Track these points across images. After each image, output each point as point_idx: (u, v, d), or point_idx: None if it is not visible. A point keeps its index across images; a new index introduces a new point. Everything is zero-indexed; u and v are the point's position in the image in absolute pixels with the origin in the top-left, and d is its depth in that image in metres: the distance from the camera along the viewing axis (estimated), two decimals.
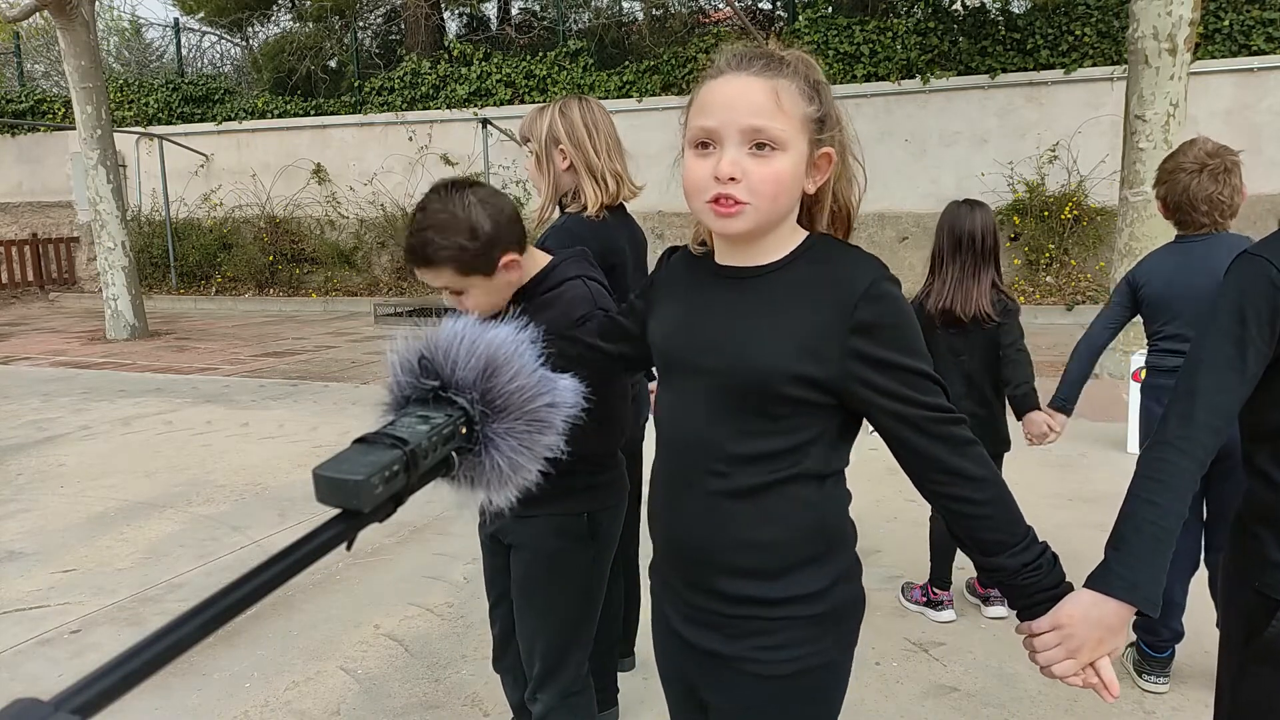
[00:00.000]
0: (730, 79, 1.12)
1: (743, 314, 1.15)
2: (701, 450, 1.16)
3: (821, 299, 1.11)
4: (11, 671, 2.78)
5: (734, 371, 1.13)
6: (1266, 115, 9.81)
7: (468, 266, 1.59)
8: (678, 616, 1.23)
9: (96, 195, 10.10)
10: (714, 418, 1.15)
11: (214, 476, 4.75)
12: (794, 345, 1.10)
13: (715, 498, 1.15)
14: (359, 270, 14.10)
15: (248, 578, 0.57)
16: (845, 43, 11.68)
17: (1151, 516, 1.13)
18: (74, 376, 7.89)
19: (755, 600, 1.14)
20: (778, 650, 1.14)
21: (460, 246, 1.57)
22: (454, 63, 13.79)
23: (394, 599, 3.23)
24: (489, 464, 0.88)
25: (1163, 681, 2.49)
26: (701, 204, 1.12)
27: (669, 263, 1.33)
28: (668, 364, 1.24)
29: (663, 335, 1.25)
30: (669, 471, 1.22)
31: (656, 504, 1.25)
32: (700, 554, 1.17)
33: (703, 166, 1.11)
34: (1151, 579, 1.11)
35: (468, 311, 1.56)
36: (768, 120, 1.08)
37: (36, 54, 18.46)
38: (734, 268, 1.19)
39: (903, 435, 1.11)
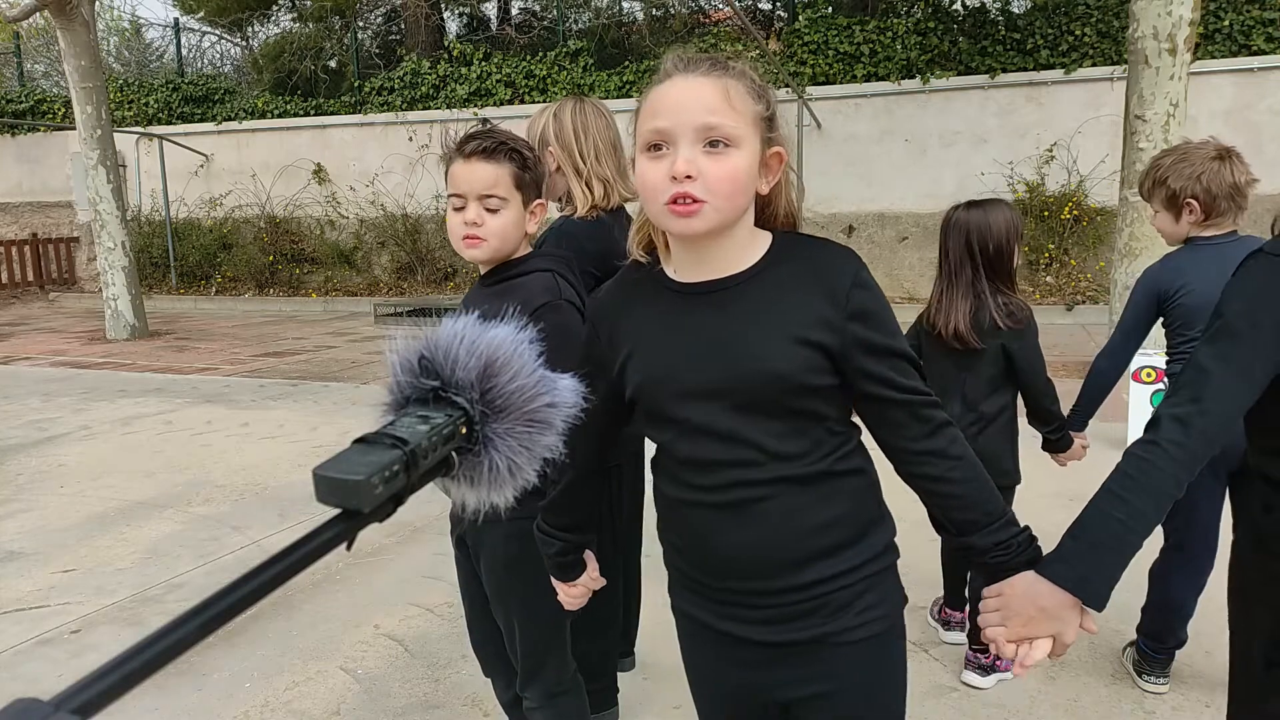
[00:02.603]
0: (679, 80, 1.12)
1: (738, 324, 1.14)
2: (739, 468, 1.15)
3: (813, 292, 1.13)
4: (11, 671, 2.78)
5: (750, 382, 1.13)
6: (1266, 115, 9.81)
7: (521, 178, 1.66)
8: (753, 626, 1.20)
9: (96, 195, 10.10)
10: (743, 431, 1.14)
11: (214, 476, 4.75)
12: (800, 341, 1.11)
13: (770, 503, 1.14)
14: (359, 270, 14.10)
15: (248, 578, 0.57)
16: (845, 43, 11.68)
17: (1120, 514, 1.12)
18: (74, 376, 7.89)
19: (838, 574, 1.16)
20: (868, 611, 1.18)
21: (528, 155, 1.68)
22: (454, 63, 13.79)
23: (394, 599, 3.23)
24: (489, 464, 0.88)
25: (1163, 682, 2.48)
26: (659, 207, 1.11)
27: (605, 303, 1.28)
28: (664, 396, 1.18)
29: (647, 371, 1.20)
30: (703, 500, 1.18)
31: (690, 535, 1.21)
32: (772, 559, 1.16)
33: (657, 168, 1.11)
34: (1103, 576, 1.10)
35: (484, 239, 1.64)
36: (720, 117, 1.08)
37: (36, 54, 18.46)
38: (706, 283, 1.16)
39: (886, 417, 1.16)
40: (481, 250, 1.68)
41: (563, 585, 1.47)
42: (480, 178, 1.63)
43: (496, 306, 1.37)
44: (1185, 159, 2.37)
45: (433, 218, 13.30)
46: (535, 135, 2.27)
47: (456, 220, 1.67)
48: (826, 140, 11.41)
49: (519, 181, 1.67)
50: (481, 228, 1.66)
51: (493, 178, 1.64)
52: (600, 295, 1.32)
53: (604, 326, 1.27)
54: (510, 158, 1.65)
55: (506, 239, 1.69)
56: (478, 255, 1.69)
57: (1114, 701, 2.46)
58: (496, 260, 1.72)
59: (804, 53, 11.83)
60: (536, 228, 1.75)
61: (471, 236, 1.66)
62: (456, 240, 1.70)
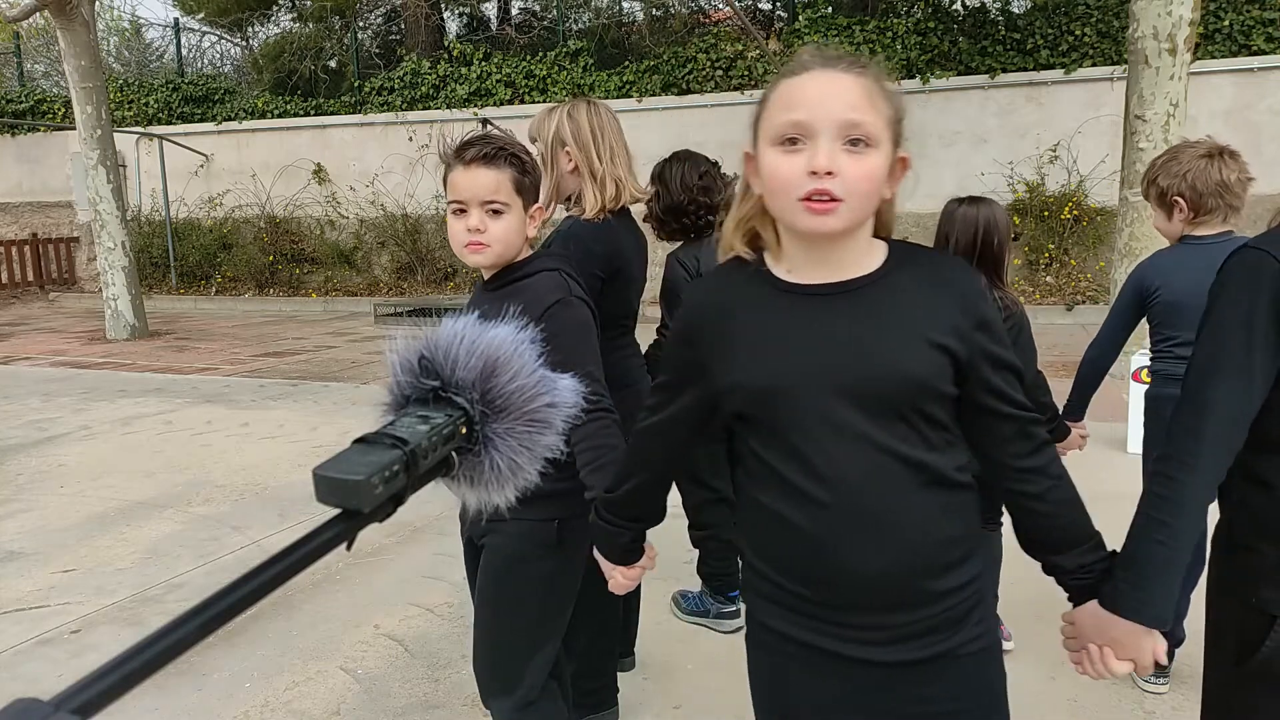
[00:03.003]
0: (820, 74, 1.09)
1: (870, 327, 1.10)
2: (873, 477, 1.10)
3: (941, 299, 1.12)
4: (11, 671, 2.78)
5: (885, 385, 1.10)
6: (1266, 115, 9.80)
7: (521, 183, 1.66)
8: (874, 646, 1.13)
9: (96, 195, 10.10)
10: (876, 437, 1.10)
11: (214, 476, 4.75)
12: (933, 345, 1.10)
13: (904, 515, 1.11)
14: (359, 270, 14.10)
15: (248, 578, 0.57)
16: (845, 43, 11.67)
17: (1161, 537, 1.15)
18: (74, 376, 7.89)
19: (962, 586, 1.15)
20: (982, 623, 1.18)
21: (526, 159, 1.68)
22: (454, 63, 13.79)
23: (394, 599, 3.23)
24: (489, 464, 0.88)
25: (1162, 682, 2.48)
26: (791, 202, 1.07)
27: (703, 303, 1.21)
28: (786, 401, 1.12)
29: (765, 375, 1.12)
30: (828, 514, 1.11)
31: (806, 551, 1.14)
32: (904, 574, 1.11)
33: (793, 162, 1.06)
34: (1163, 598, 1.14)
35: (487, 245, 1.64)
36: (863, 115, 1.06)
37: (36, 54, 18.46)
38: (830, 284, 1.12)
39: (994, 431, 1.15)
40: (485, 256, 1.67)
41: (622, 569, 1.43)
42: (482, 184, 1.63)
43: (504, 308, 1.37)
44: (1175, 158, 2.39)
45: (432, 218, 13.30)
46: (548, 136, 2.26)
47: (459, 227, 1.66)
48: None
49: (519, 186, 1.66)
50: (485, 234, 1.64)
51: (494, 184, 1.63)
52: (695, 296, 1.25)
53: (704, 328, 1.19)
54: (510, 163, 1.65)
55: (510, 244, 1.68)
56: (481, 261, 1.68)
57: (1114, 701, 2.46)
58: (500, 265, 1.70)
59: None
60: (537, 231, 1.75)
61: (475, 243, 1.65)
62: (459, 247, 1.68)
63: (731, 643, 2.85)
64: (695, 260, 2.74)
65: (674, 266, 2.75)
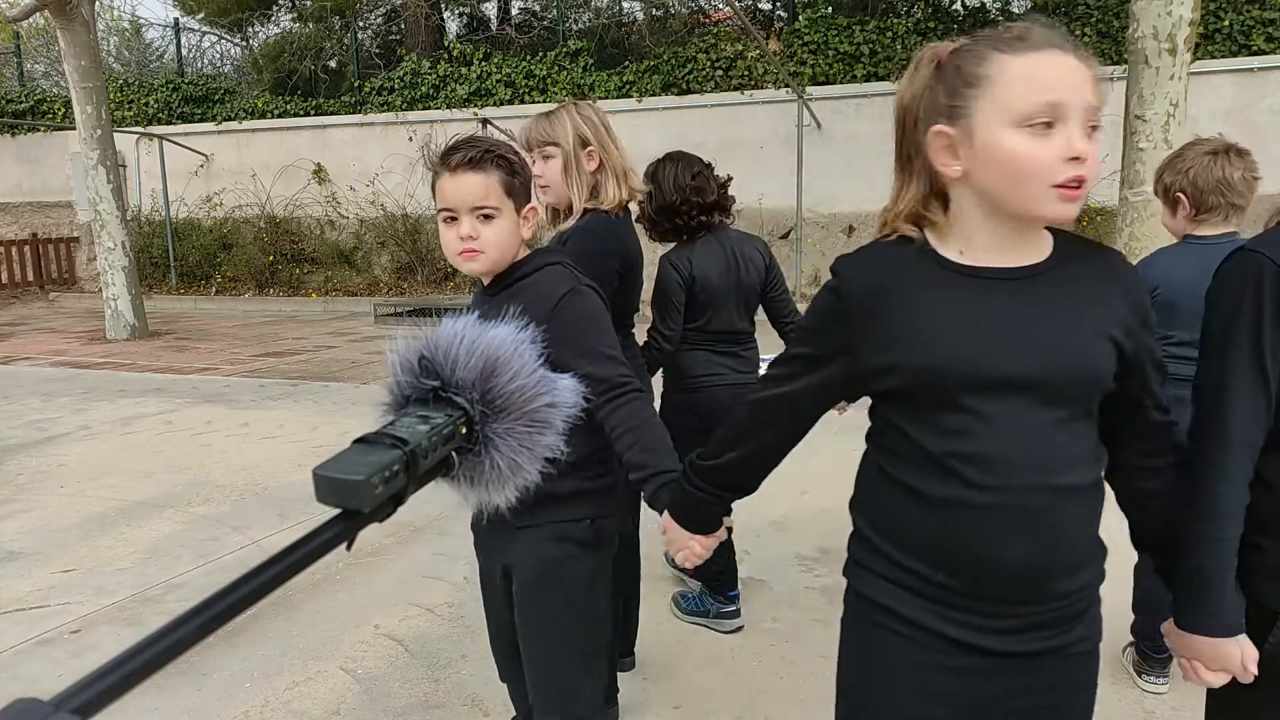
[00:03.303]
0: (1064, 56, 1.04)
1: (1053, 315, 1.09)
2: (1038, 469, 1.08)
3: (1112, 291, 1.12)
4: (11, 671, 2.78)
5: (1065, 377, 1.08)
6: (1266, 115, 9.80)
7: (511, 184, 1.60)
8: (995, 635, 1.13)
9: (96, 195, 10.10)
10: (1046, 429, 1.08)
11: (214, 476, 4.75)
12: (1109, 339, 1.10)
13: (1060, 510, 1.10)
14: (359, 270, 14.10)
15: (248, 578, 0.57)
16: (845, 43, 11.68)
17: (1212, 549, 1.17)
18: (74, 376, 7.89)
19: (1086, 586, 1.15)
20: (1093, 624, 1.19)
21: (514, 161, 1.62)
22: (454, 63, 13.79)
23: (394, 599, 3.23)
24: (489, 464, 0.88)
25: (1163, 681, 2.49)
26: (1043, 189, 1.03)
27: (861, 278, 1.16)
28: (957, 385, 1.08)
29: (936, 357, 1.09)
30: (988, 502, 1.08)
31: (954, 538, 1.11)
32: (1047, 568, 1.10)
33: (1048, 147, 1.02)
34: (1226, 606, 1.18)
35: (481, 251, 1.59)
36: (1098, 99, 1.05)
37: (36, 54, 18.46)
38: (1010, 269, 1.10)
39: (1138, 428, 1.17)
40: (480, 263, 1.62)
41: (701, 538, 1.40)
42: (470, 190, 1.58)
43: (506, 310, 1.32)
44: (1181, 155, 2.40)
45: (432, 218, 13.22)
46: (569, 137, 2.24)
47: (451, 235, 1.62)
48: (826, 140, 11.41)
49: (509, 188, 1.61)
50: (478, 240, 1.60)
51: (483, 189, 1.58)
52: (849, 272, 1.18)
53: (863, 303, 1.14)
54: (498, 165, 1.60)
55: (505, 248, 1.63)
56: (476, 268, 1.64)
57: (1114, 702, 2.46)
58: (497, 270, 1.66)
59: (804, 53, 11.83)
60: (531, 232, 1.70)
61: (468, 250, 1.61)
62: (452, 255, 1.64)
63: (732, 643, 2.85)
64: (688, 263, 2.72)
65: (666, 269, 2.74)
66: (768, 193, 11.48)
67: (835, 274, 1.20)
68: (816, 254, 11.73)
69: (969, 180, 1.09)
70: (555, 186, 2.27)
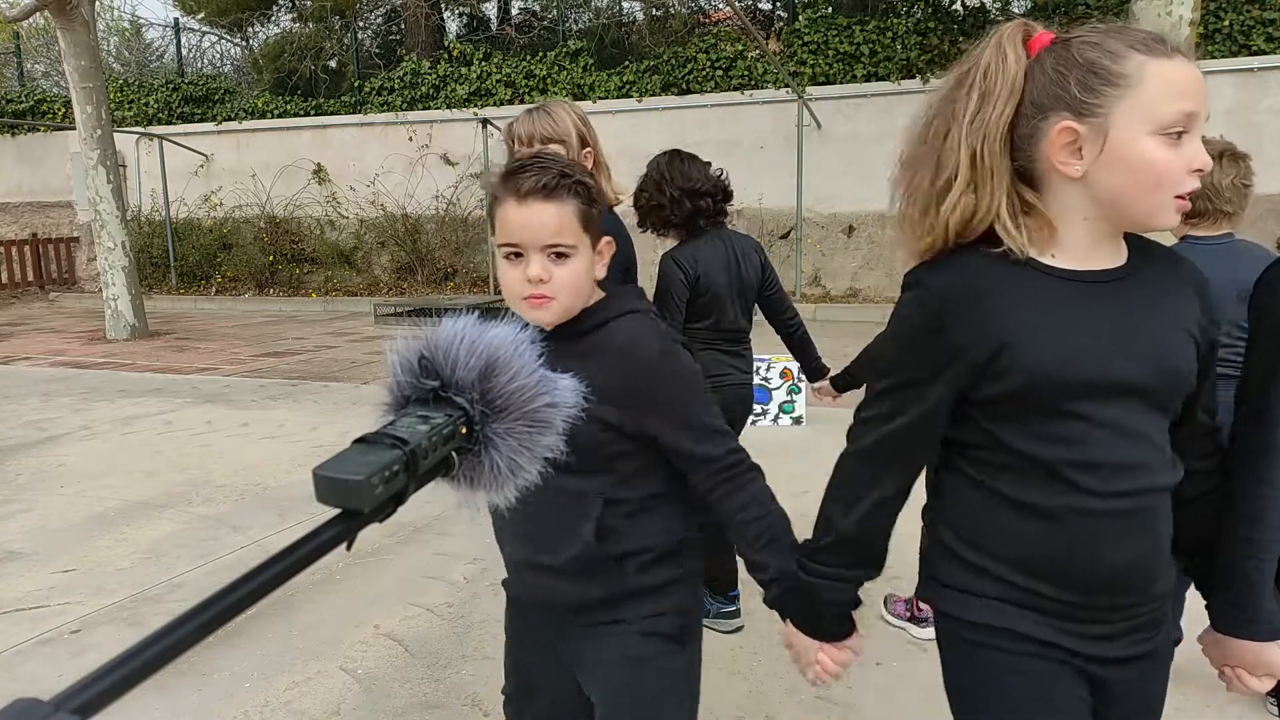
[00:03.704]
0: (1191, 64, 1.02)
1: (1147, 317, 1.08)
2: (1144, 472, 1.08)
3: (1186, 291, 1.12)
4: (11, 671, 2.78)
5: (1165, 378, 1.08)
6: (1266, 115, 9.80)
7: (588, 215, 1.34)
8: (1096, 642, 1.12)
9: (96, 195, 10.10)
10: (1148, 431, 1.08)
11: (214, 476, 4.75)
12: (1192, 339, 1.10)
13: (1158, 511, 1.11)
14: (359, 270, 14.11)
15: (248, 578, 0.57)
16: (845, 43, 11.68)
17: (1255, 553, 1.16)
18: (74, 376, 7.89)
19: (1165, 591, 1.16)
20: (1168, 628, 1.20)
21: (591, 187, 1.36)
22: (454, 63, 13.79)
23: (394, 599, 3.23)
24: (489, 464, 0.88)
25: None
26: (1166, 198, 1.02)
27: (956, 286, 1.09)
28: (1065, 390, 1.05)
29: (1044, 362, 1.05)
30: (1098, 508, 1.06)
31: (1064, 547, 1.08)
32: (1148, 570, 1.11)
33: (1180, 157, 1.00)
34: (1269, 611, 1.17)
35: (553, 297, 1.32)
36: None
37: (36, 54, 18.46)
38: (1104, 271, 1.08)
39: (1195, 428, 1.17)
40: (549, 312, 1.34)
41: (831, 650, 1.26)
42: (542, 223, 1.30)
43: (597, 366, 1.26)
44: None
45: (432, 218, 13.31)
46: (571, 135, 2.17)
47: (515, 277, 1.33)
48: (826, 140, 11.41)
49: (586, 221, 1.34)
50: (549, 284, 1.32)
51: (557, 222, 1.31)
52: (934, 281, 1.10)
53: (962, 313, 1.08)
54: (575, 193, 1.33)
55: (579, 292, 1.35)
56: (544, 318, 1.34)
57: None
58: (567, 318, 1.37)
59: (804, 53, 11.83)
60: (604, 271, 1.42)
61: (537, 296, 1.32)
62: (515, 299, 1.35)
63: (731, 643, 2.85)
64: (693, 262, 2.71)
65: (670, 266, 2.72)
66: (768, 193, 11.48)
67: (917, 285, 1.12)
68: (816, 254, 11.73)
69: (1084, 181, 1.05)
70: None
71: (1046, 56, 1.07)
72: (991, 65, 1.09)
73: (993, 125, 1.07)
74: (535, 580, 1.46)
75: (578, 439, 1.24)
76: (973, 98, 1.09)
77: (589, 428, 1.25)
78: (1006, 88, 1.07)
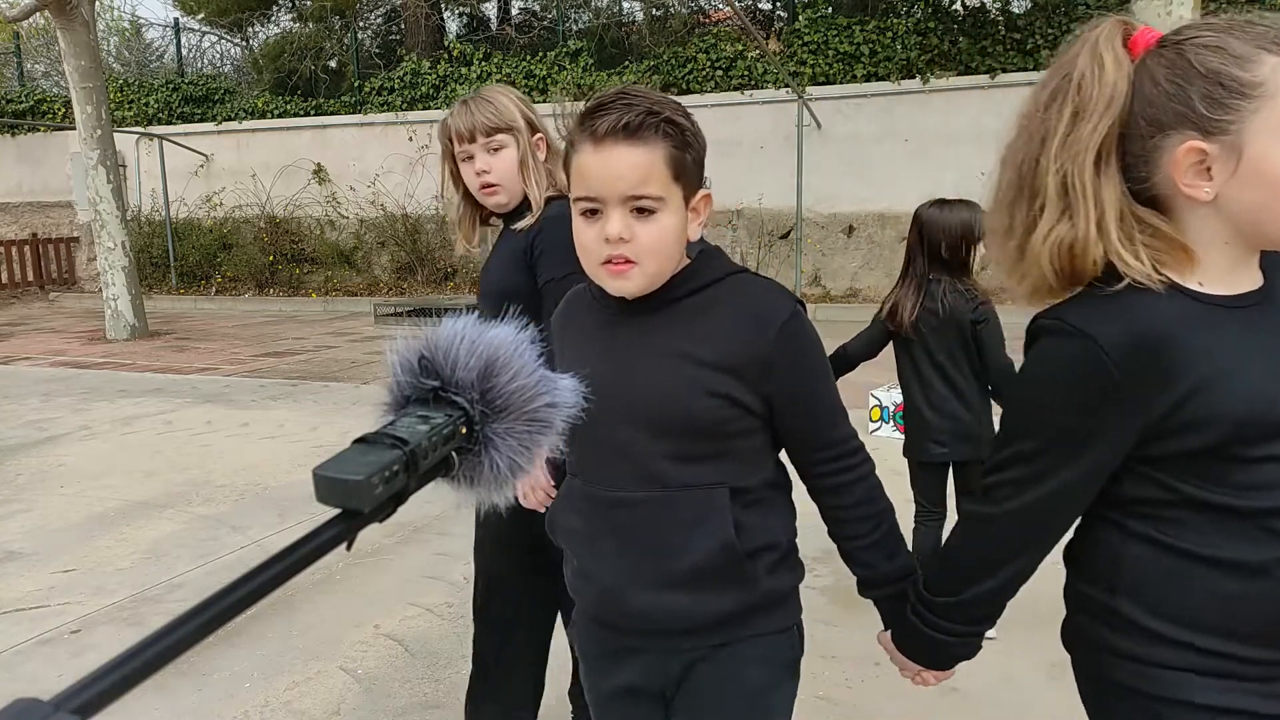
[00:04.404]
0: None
1: None
2: None
3: None
4: (11, 671, 2.78)
5: None
6: None
7: (681, 163, 1.13)
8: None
9: (96, 195, 10.10)
10: None
11: (214, 476, 4.75)
12: None
13: None
14: (359, 270, 14.10)
15: (248, 578, 0.57)
16: (845, 43, 11.68)
17: None
18: (74, 376, 7.89)
19: None
20: None
21: (686, 127, 1.15)
22: (454, 63, 13.80)
23: (394, 599, 3.23)
24: (488, 464, 0.88)
25: None
26: None
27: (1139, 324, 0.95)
28: (1266, 432, 0.94)
29: (1249, 400, 0.94)
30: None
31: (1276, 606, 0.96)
32: None
33: None
34: None
35: (636, 261, 1.14)
36: None
37: (36, 54, 18.46)
38: (1241, 295, 0.97)
39: None
40: (633, 280, 1.15)
41: (937, 673, 1.23)
42: (622, 172, 1.11)
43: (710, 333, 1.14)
44: None
45: (432, 217, 13.30)
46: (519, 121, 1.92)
47: (591, 237, 1.14)
48: (826, 140, 11.41)
49: (679, 168, 1.13)
50: (630, 244, 1.12)
51: (641, 170, 1.11)
52: (1110, 330, 0.95)
53: (1144, 363, 0.94)
54: (664, 133, 1.12)
55: (668, 256, 1.15)
56: (627, 287, 1.16)
57: None
58: (653, 288, 1.18)
59: (804, 53, 11.84)
60: (700, 231, 1.21)
61: (618, 260, 1.13)
62: (594, 266, 1.16)
63: None
64: None
65: None
66: (768, 193, 11.49)
67: (1078, 335, 0.96)
68: (816, 254, 11.73)
69: (1216, 203, 0.94)
70: (509, 184, 1.90)
71: (1155, 64, 0.95)
72: (1087, 75, 0.96)
73: (1086, 143, 0.95)
74: (644, 602, 1.22)
75: (696, 420, 1.16)
76: (1064, 115, 0.97)
77: (708, 404, 1.15)
78: (1104, 100, 0.95)
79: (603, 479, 1.23)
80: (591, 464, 1.25)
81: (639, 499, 1.20)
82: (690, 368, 1.16)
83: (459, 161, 1.96)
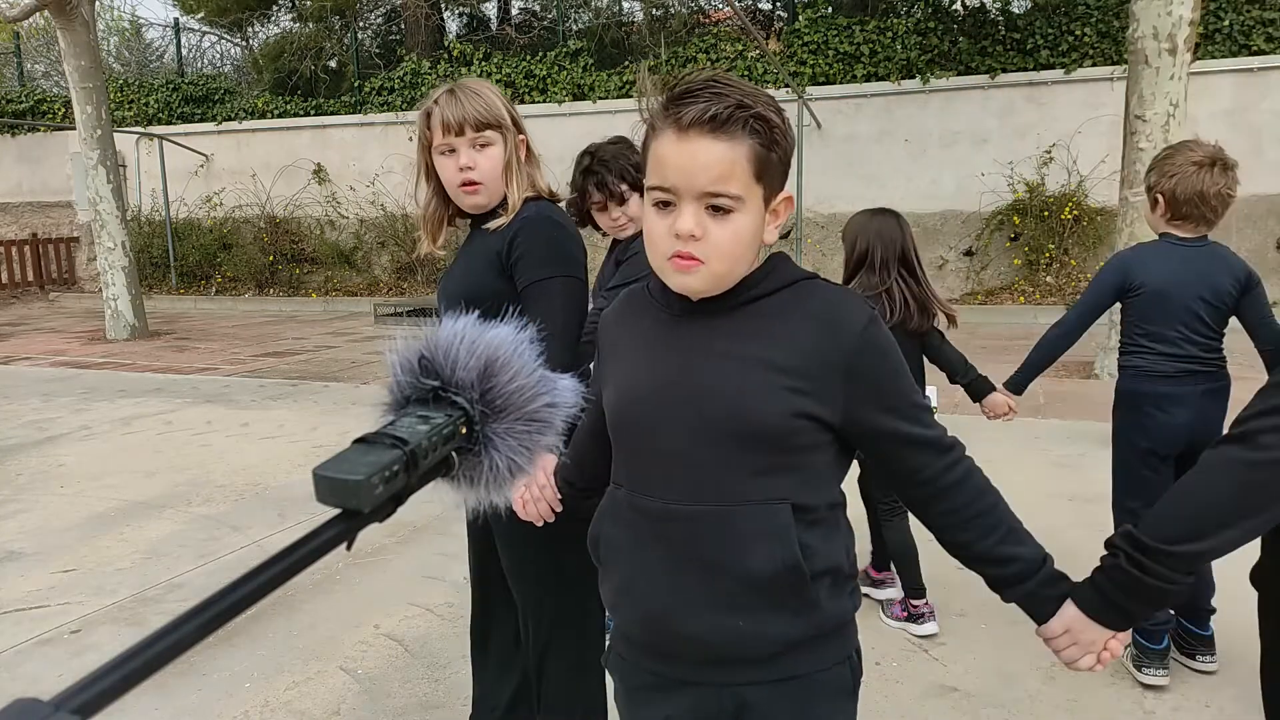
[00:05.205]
0: None
1: None
2: None
3: None
4: (11, 671, 2.78)
5: None
6: (1267, 115, 9.80)
7: (765, 162, 1.06)
8: None
9: (96, 195, 10.11)
10: None
11: (214, 476, 4.75)
12: None
13: None
14: (359, 270, 14.10)
15: (248, 578, 0.57)
16: (845, 43, 11.68)
17: None
18: (74, 376, 7.89)
19: None
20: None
21: (776, 124, 1.07)
22: (454, 63, 13.79)
23: (394, 599, 3.23)
24: (488, 464, 0.88)
25: (1162, 674, 2.48)
26: None
27: None
28: None
29: None
30: None
31: None
32: None
33: None
34: None
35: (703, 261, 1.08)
36: None
37: (36, 54, 18.46)
38: None
39: None
40: (698, 278, 1.09)
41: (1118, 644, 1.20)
42: (704, 165, 1.04)
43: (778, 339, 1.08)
44: (1171, 157, 2.48)
45: None
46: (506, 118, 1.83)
47: (661, 230, 1.08)
48: (826, 140, 11.41)
49: (762, 167, 1.06)
50: (701, 243, 1.06)
51: (723, 165, 1.04)
52: None
53: None
54: (751, 129, 1.05)
55: (739, 258, 1.09)
56: (691, 284, 1.10)
57: (1114, 701, 2.46)
58: (720, 290, 1.12)
59: (804, 53, 11.84)
60: (776, 235, 1.15)
61: (685, 256, 1.07)
62: (661, 258, 1.10)
63: None
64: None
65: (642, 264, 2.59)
66: None
67: None
68: (816, 254, 11.73)
69: None
70: (491, 184, 1.80)
71: None
72: None
73: None
74: (695, 627, 1.13)
75: (767, 427, 1.09)
76: None
77: (781, 409, 1.08)
78: None
79: (653, 489, 1.14)
80: (641, 472, 1.16)
81: (693, 512, 1.11)
82: (763, 371, 1.08)
83: (436, 154, 1.83)
